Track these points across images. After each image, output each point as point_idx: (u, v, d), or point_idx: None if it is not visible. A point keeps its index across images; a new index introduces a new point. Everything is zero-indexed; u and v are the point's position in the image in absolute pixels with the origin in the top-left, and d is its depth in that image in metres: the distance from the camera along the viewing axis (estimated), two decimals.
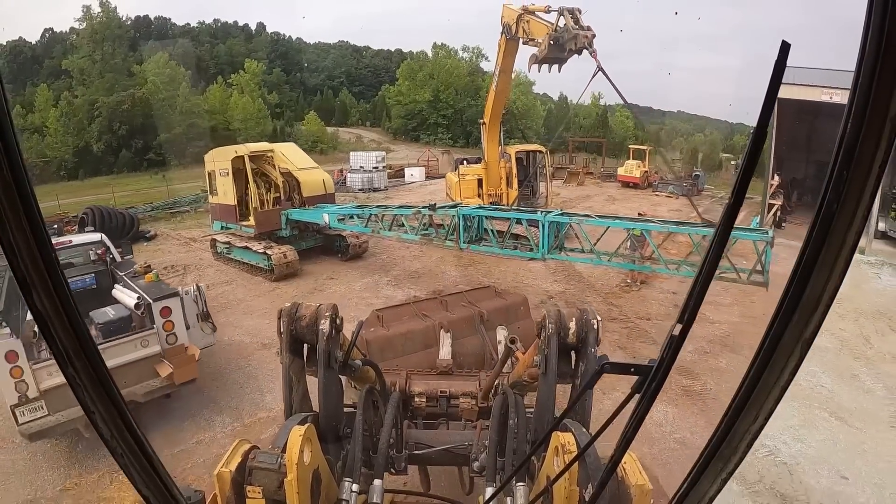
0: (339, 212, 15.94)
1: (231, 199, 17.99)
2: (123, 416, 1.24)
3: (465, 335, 7.97)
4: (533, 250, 11.68)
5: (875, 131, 0.92)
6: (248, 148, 17.92)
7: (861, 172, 0.95)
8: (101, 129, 61.14)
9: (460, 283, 15.63)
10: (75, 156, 59.87)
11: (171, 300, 8.51)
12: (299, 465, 2.30)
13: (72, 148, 59.98)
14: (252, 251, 16.82)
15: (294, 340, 3.28)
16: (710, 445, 1.32)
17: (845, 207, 0.99)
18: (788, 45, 0.92)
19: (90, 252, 10.64)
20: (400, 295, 14.76)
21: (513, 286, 15.44)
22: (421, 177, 42.96)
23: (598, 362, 1.28)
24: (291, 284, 15.95)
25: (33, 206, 0.99)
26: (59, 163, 58.51)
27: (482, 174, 20.34)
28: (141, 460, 1.31)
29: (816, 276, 1.06)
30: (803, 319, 1.11)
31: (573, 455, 2.31)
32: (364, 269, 17.67)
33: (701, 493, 1.37)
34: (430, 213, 12.91)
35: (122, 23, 71.47)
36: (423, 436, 3.90)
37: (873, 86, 0.90)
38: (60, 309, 1.07)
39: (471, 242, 12.43)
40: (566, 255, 11.56)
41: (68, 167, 58.85)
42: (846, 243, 1.02)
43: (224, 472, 2.33)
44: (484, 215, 12.56)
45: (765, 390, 1.22)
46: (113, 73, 65.85)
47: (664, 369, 1.24)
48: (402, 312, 8.31)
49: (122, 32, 69.99)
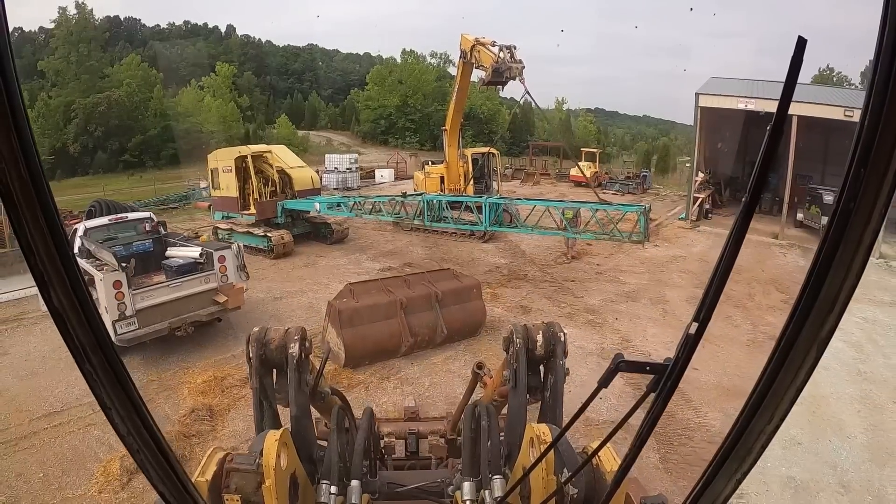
0: (329, 201, 19.85)
1: (234, 192, 21.50)
2: (140, 412, 1.22)
3: (422, 310, 11.48)
4: (478, 224, 15.72)
5: (892, 128, 0.89)
6: (250, 149, 21.65)
7: (878, 170, 0.92)
8: (77, 131, 62.48)
9: (426, 260, 19.45)
10: (51, 156, 60.55)
11: (226, 251, 12.20)
12: (276, 468, 2.24)
13: (48, 149, 60.38)
14: (253, 235, 20.30)
15: (263, 365, 3.23)
16: (726, 445, 1.27)
17: (862, 205, 0.95)
18: (805, 41, 0.91)
19: (145, 224, 14.04)
20: (377, 266, 18.53)
21: (467, 261, 19.32)
22: (390, 177, 46.09)
23: (614, 360, 1.28)
24: (288, 261, 19.50)
25: (49, 203, 0.99)
26: None
27: (444, 172, 24.43)
28: (157, 457, 1.29)
29: (833, 274, 1.02)
30: (820, 319, 1.06)
31: (546, 444, 2.35)
32: (347, 250, 21.39)
33: (716, 493, 1.34)
34: (403, 199, 16.79)
35: (97, 24, 71.72)
36: (394, 476, 3.83)
37: (890, 82, 0.86)
38: (77, 305, 1.06)
39: (433, 221, 16.39)
40: (504, 226, 15.71)
41: (44, 168, 59.49)
42: (863, 241, 0.98)
43: (200, 482, 2.26)
44: (443, 200, 16.60)
45: (780, 390, 1.17)
46: (88, 74, 66.70)
47: (680, 368, 1.24)
48: (371, 287, 11.80)
49: (97, 34, 70.42)
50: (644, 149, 76.10)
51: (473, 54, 19.92)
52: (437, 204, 16.50)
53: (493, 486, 2.76)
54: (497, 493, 2.72)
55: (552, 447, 2.13)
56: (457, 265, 18.78)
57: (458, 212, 17.08)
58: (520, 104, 48.00)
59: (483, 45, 19.60)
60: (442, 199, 16.69)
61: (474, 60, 20.00)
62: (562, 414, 3.41)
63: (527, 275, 17.74)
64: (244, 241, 20.78)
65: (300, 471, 2.62)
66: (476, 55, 19.79)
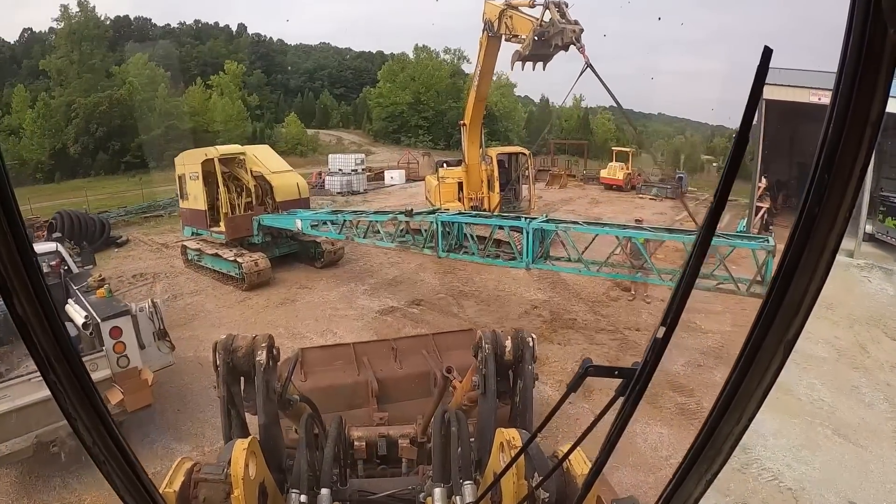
0: (313, 217, 15.17)
1: (201, 203, 17.25)
2: (105, 422, 1.23)
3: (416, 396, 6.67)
4: (516, 259, 11.03)
5: (856, 135, 0.93)
6: (217, 150, 17.13)
7: (842, 176, 0.96)
8: (77, 131, 59.99)
9: (440, 295, 15.00)
10: (51, 158, 58.67)
11: (121, 319, 7.76)
12: (245, 478, 2.20)
13: (48, 150, 58.74)
14: (222, 259, 16.07)
15: (230, 372, 3.23)
16: (695, 447, 1.32)
17: (827, 211, 1.00)
18: (770, 51, 0.94)
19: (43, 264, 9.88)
20: (376, 306, 14.09)
21: (494, 296, 14.86)
22: (401, 179, 42.32)
23: (582, 365, 1.30)
24: (262, 294, 15.19)
25: (13, 209, 0.97)
26: (36, 165, 57.38)
27: (462, 177, 19.67)
28: (124, 467, 1.30)
29: (798, 279, 1.07)
30: (785, 322, 1.12)
31: (518, 449, 2.30)
32: (339, 277, 16.97)
33: (686, 495, 1.38)
34: (407, 219, 12.18)
35: (100, 23, 70.15)
36: (364, 484, 3.72)
37: (854, 90, 0.90)
38: (41, 314, 1.06)
39: (450, 251, 11.76)
40: (552, 264, 10.89)
41: (44, 170, 57.79)
42: (828, 246, 1.03)
43: (168, 493, 2.24)
44: (464, 221, 11.89)
45: (748, 392, 1.23)
46: (91, 73, 64.67)
47: (648, 372, 1.27)
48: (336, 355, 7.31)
49: (100, 33, 68.63)
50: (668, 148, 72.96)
51: (503, 22, 15.29)
52: (455, 227, 11.86)
53: (463, 492, 2.72)
54: (468, 498, 2.70)
55: (522, 451, 2.07)
56: (481, 302, 14.31)
57: (487, 231, 12.13)
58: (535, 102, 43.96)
59: (516, 7, 15.09)
60: (462, 222, 11.91)
61: (504, 31, 15.37)
62: (532, 418, 3.58)
63: (575, 319, 13.16)
64: (213, 265, 16.60)
65: (269, 480, 2.67)
66: (507, 23, 15.16)
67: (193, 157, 17.70)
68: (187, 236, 18.89)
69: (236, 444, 2.44)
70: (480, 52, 17.34)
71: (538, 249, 10.51)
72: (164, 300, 14.68)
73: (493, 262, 11.83)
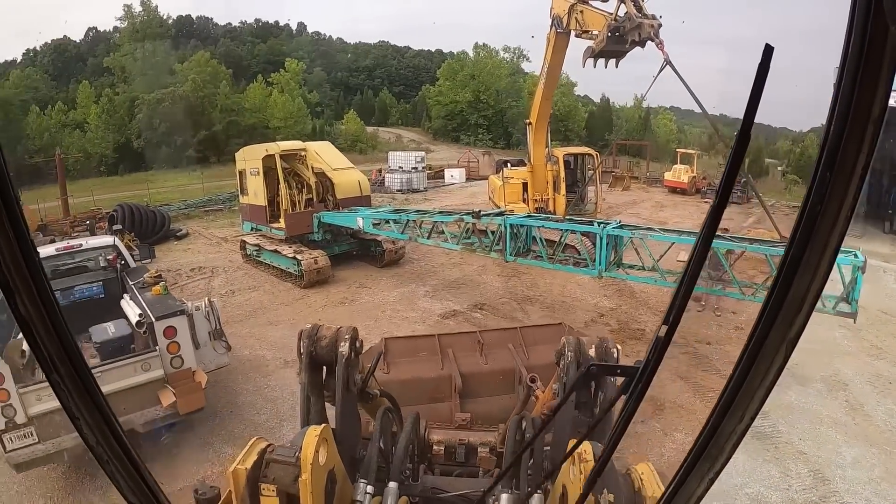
0: (375, 216, 14.78)
1: (261, 199, 17.13)
2: (109, 422, 1.22)
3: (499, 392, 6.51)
4: (588, 266, 10.33)
5: (858, 133, 0.91)
6: (279, 146, 16.96)
7: (844, 174, 0.94)
8: (141, 126, 61.58)
9: (503, 299, 14.38)
10: (115, 151, 60.58)
11: (176, 318, 7.48)
12: (314, 463, 2.26)
13: (112, 144, 60.68)
14: (282, 255, 15.89)
15: (313, 361, 3.22)
16: (697, 445, 1.30)
17: (829, 209, 0.98)
18: (772, 49, 0.92)
19: (100, 257, 9.71)
20: (438, 308, 13.59)
21: (559, 301, 14.16)
22: (461, 178, 41.57)
23: (585, 365, 1.38)
24: (321, 292, 14.91)
25: (16, 209, 0.95)
26: (100, 158, 59.27)
27: (527, 178, 18.91)
28: (127, 467, 1.29)
29: (800, 276, 1.05)
30: (788, 320, 1.09)
31: (589, 463, 2.32)
32: (400, 276, 16.57)
33: (689, 494, 1.36)
34: (474, 220, 11.64)
35: (163, 21, 72.49)
36: (438, 481, 3.64)
37: (856, 88, 0.89)
38: (44, 314, 1.04)
39: (518, 255, 11.14)
40: (625, 273, 10.16)
41: (108, 163, 59.68)
42: (829, 244, 1.01)
43: (240, 470, 2.31)
44: (533, 224, 11.25)
45: (750, 391, 1.19)
46: (154, 70, 66.11)
47: (650, 370, 1.25)
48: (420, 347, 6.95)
49: (162, 31, 70.70)
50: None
51: (573, 18, 14.53)
52: (524, 230, 11.21)
53: (531, 502, 2.62)
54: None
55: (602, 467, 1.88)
56: (546, 308, 13.64)
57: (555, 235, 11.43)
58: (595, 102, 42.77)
59: (586, 1, 14.30)
60: (532, 225, 11.26)
61: (574, 27, 14.62)
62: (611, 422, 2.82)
63: (643, 330, 12.35)
64: (272, 261, 16.42)
65: (339, 468, 2.64)
66: (578, 17, 14.41)
67: (254, 153, 17.59)
68: (246, 231, 18.83)
69: (309, 430, 2.45)
70: (548, 49, 16.60)
71: (611, 256, 9.79)
72: (222, 294, 14.58)
73: (562, 269, 11.18)
